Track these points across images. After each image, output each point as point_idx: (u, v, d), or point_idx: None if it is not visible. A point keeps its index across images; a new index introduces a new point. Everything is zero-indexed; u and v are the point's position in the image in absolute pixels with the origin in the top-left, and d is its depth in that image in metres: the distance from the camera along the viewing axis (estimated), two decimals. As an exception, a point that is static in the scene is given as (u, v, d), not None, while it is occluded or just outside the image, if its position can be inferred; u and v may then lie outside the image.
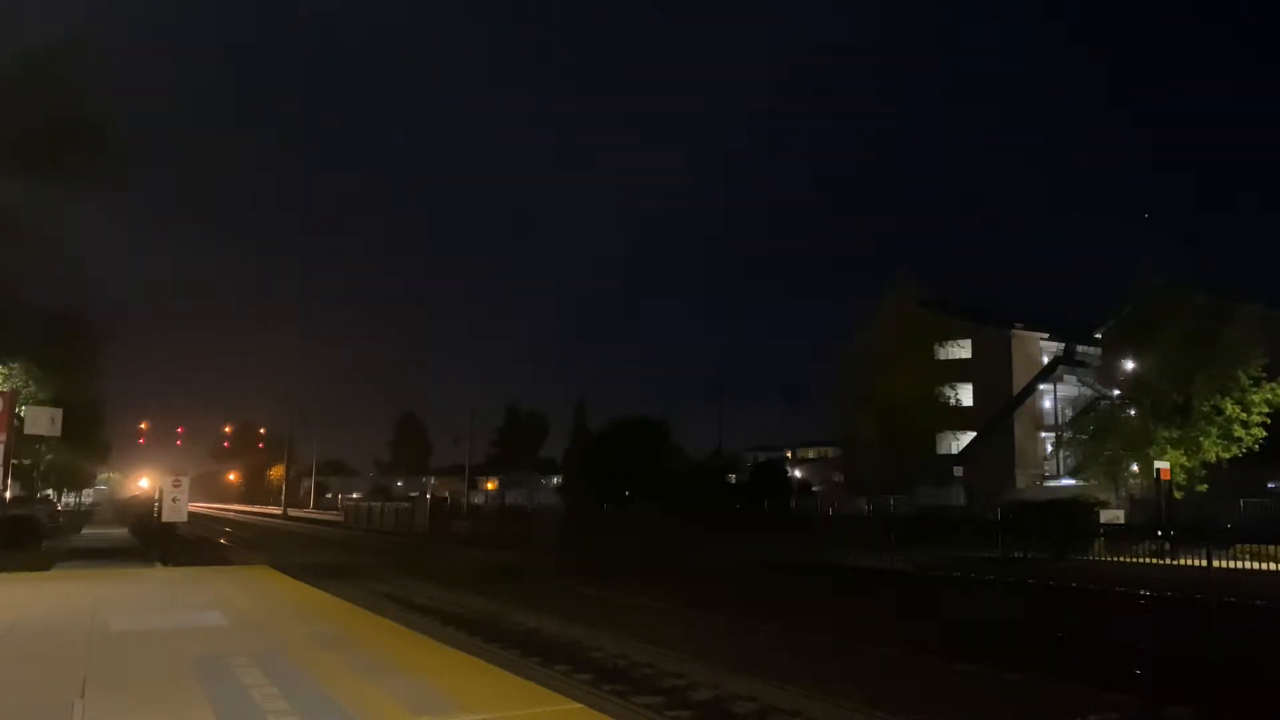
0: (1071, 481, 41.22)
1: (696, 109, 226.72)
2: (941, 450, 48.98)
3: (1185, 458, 34.18)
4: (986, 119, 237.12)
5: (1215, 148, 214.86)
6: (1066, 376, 50.42)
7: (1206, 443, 34.02)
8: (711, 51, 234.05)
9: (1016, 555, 26.07)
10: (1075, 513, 31.08)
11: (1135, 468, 36.85)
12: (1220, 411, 33.99)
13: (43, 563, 22.51)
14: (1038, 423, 52.55)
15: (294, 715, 6.56)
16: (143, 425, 60.62)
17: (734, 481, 59.09)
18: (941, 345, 47.94)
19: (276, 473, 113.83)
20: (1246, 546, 23.13)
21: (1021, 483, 47.08)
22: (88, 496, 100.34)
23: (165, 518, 22.70)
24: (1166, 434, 34.54)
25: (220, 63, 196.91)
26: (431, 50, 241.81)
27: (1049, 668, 12.90)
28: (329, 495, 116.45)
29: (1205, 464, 34.25)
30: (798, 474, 65.90)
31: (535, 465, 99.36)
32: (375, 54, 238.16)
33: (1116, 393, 39.20)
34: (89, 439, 55.52)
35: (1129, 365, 37.61)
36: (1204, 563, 20.46)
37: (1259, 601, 18.06)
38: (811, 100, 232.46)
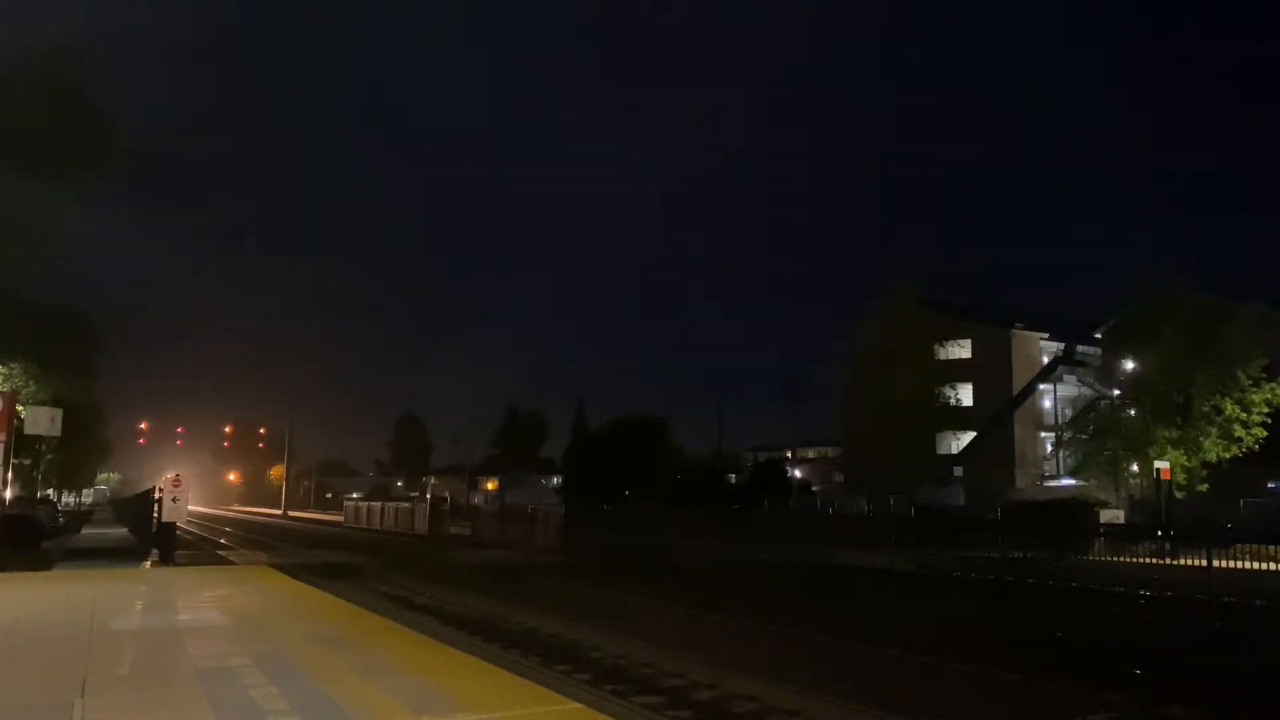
0: (1071, 481, 41.17)
1: (697, 112, 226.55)
2: (941, 450, 48.94)
3: (1185, 458, 34.16)
4: (986, 118, 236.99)
5: (1216, 147, 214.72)
6: (1066, 376, 50.39)
7: (1207, 443, 34.00)
8: (709, 52, 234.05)
9: (1017, 555, 26.04)
10: (1075, 513, 31.05)
11: (1135, 468, 36.83)
12: (1220, 411, 33.97)
13: (43, 563, 22.50)
14: (1038, 423, 52.53)
15: (294, 715, 6.56)
16: (142, 425, 60.77)
17: (734, 481, 59.06)
18: (941, 345, 47.86)
19: (276, 473, 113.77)
20: (1246, 546, 23.10)
21: (1021, 483, 47.06)
22: (88, 496, 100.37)
23: (165, 517, 22.65)
24: (1166, 434, 34.52)
25: (221, 63, 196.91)
26: (430, 53, 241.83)
27: (1049, 668, 12.88)
28: (329, 495, 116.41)
29: (1205, 464, 34.23)
30: (798, 474, 65.81)
31: (535, 465, 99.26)
32: (377, 61, 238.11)
33: (1116, 393, 39.16)
34: (89, 439, 55.57)
35: (1129, 365, 37.58)
36: (1204, 563, 20.43)
37: (1259, 601, 18.04)
38: (811, 100, 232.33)
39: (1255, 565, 21.79)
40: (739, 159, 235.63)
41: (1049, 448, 50.93)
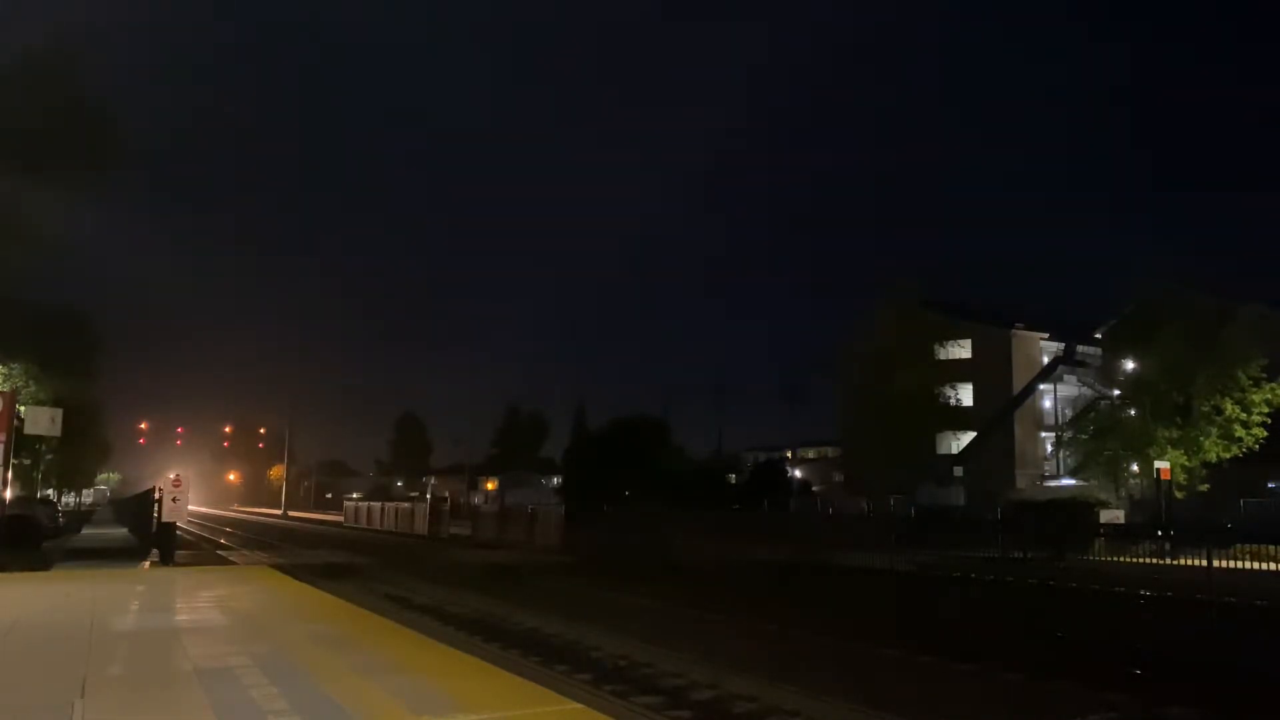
0: (1071, 481, 41.20)
1: (697, 111, 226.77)
2: (941, 450, 48.94)
3: (1185, 458, 34.17)
4: (986, 118, 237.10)
5: (1217, 146, 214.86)
6: (1066, 376, 50.39)
7: (1207, 443, 34.01)
8: (707, 52, 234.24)
9: (1017, 555, 26.07)
10: (1075, 513, 31.05)
11: (1135, 468, 36.85)
12: (1220, 411, 33.98)
13: (43, 563, 22.51)
14: (1038, 423, 52.54)
15: (294, 715, 6.56)
16: (143, 425, 60.79)
17: (734, 481, 59.09)
18: (941, 345, 47.87)
19: (276, 473, 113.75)
20: (1246, 546, 23.11)
21: (1021, 483, 47.07)
22: (88, 496, 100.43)
23: (165, 517, 22.67)
24: (1167, 434, 34.53)
25: (221, 64, 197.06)
26: (430, 53, 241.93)
27: (1049, 668, 12.89)
28: (329, 495, 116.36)
29: (1205, 464, 34.25)
30: (798, 474, 65.86)
31: (535, 465, 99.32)
32: (377, 61, 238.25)
33: (1117, 393, 39.18)
34: (89, 439, 55.58)
35: (1129, 365, 37.60)
36: (1204, 563, 20.44)
37: (1259, 601, 18.05)
38: (811, 99, 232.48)
39: (1255, 565, 21.79)
40: (739, 158, 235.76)
41: (1049, 448, 50.95)
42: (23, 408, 26.72)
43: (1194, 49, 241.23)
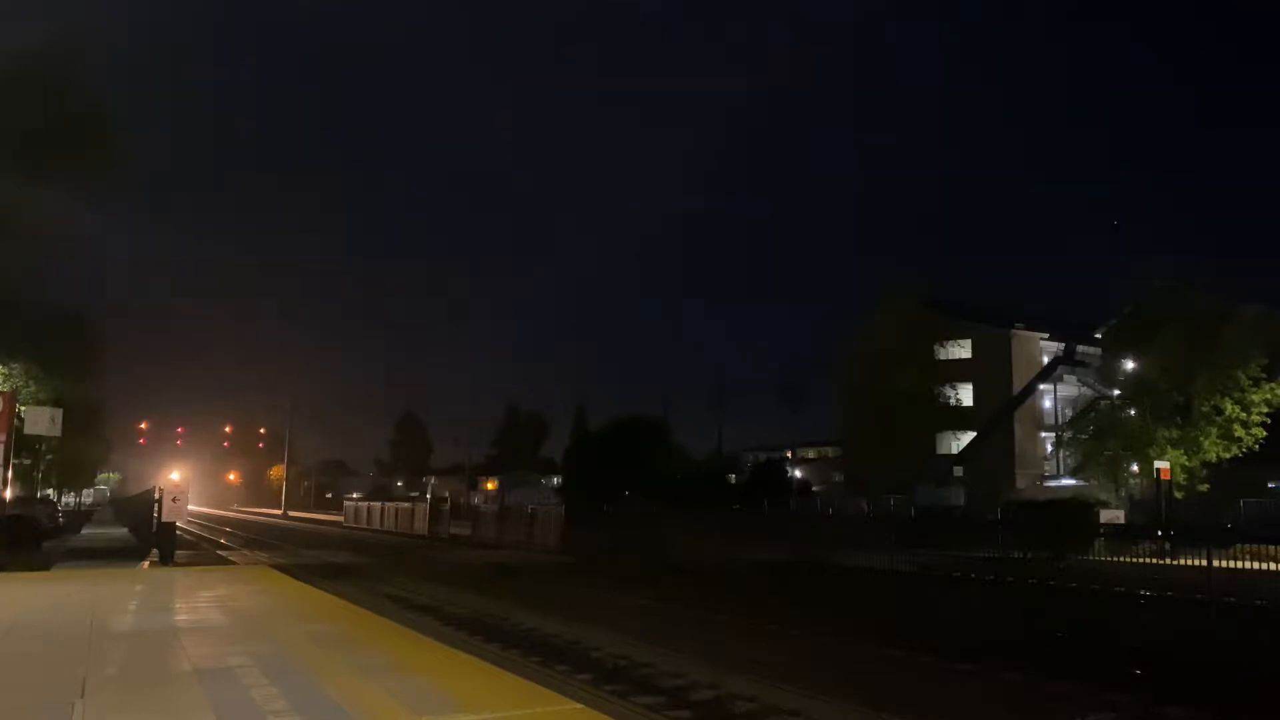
0: (1071, 481, 41.24)
1: (694, 109, 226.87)
2: (941, 450, 49.00)
3: (1185, 458, 34.21)
4: (985, 117, 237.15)
5: (1217, 146, 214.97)
6: (1066, 376, 50.46)
7: (1207, 443, 34.05)
8: (705, 49, 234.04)
9: (1016, 555, 26.06)
10: (1075, 513, 31.08)
11: (1135, 468, 36.89)
12: (1220, 411, 34.03)
13: (43, 563, 22.51)
14: (1038, 423, 52.58)
15: (294, 715, 6.56)
16: (142, 425, 60.83)
17: (734, 481, 59.17)
18: (941, 345, 47.95)
19: (277, 473, 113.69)
20: (1246, 546, 23.10)
21: (1021, 483, 47.11)
22: (88, 496, 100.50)
23: (165, 517, 22.68)
24: (1167, 434, 34.58)
25: (221, 64, 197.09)
26: (429, 59, 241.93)
27: (1049, 668, 12.88)
28: (329, 496, 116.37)
29: (1205, 464, 34.27)
30: (798, 474, 65.89)
31: (535, 465, 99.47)
32: (375, 60, 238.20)
33: (1116, 393, 39.24)
34: (89, 439, 55.65)
35: (1129, 365, 37.65)
36: (1204, 563, 20.44)
37: (1259, 601, 18.05)
38: (812, 99, 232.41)
39: (1255, 565, 21.78)
40: (739, 158, 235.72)
41: (1049, 448, 51.01)
42: (23, 408, 26.75)
43: (1194, 49, 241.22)
